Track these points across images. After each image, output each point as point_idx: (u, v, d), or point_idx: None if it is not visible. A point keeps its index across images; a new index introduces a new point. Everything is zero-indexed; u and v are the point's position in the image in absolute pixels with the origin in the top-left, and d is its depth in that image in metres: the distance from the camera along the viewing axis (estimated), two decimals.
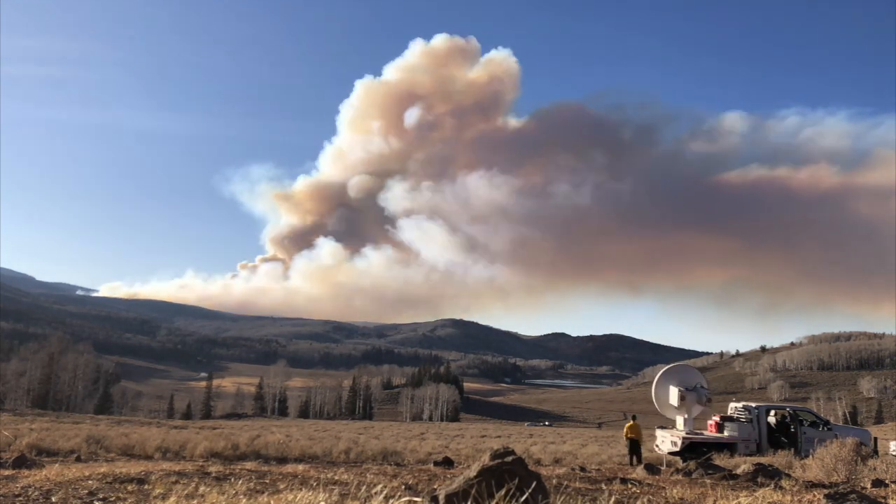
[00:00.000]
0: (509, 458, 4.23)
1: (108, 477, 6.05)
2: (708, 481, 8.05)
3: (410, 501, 4.36)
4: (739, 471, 9.30)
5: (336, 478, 6.97)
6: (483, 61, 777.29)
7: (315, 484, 5.97)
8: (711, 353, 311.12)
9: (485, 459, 4.29)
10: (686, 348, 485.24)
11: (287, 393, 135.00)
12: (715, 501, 6.00)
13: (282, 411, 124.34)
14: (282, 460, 18.23)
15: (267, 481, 6.38)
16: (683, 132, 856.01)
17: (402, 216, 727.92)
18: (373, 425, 69.65)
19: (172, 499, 4.85)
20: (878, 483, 8.61)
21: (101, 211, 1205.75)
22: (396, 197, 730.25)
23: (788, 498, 6.01)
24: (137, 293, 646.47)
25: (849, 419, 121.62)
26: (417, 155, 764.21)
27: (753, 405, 20.36)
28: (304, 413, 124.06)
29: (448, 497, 4.00)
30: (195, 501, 4.75)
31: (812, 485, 7.62)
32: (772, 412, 20.65)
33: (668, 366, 22.02)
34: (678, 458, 18.39)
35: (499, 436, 48.47)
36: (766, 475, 8.59)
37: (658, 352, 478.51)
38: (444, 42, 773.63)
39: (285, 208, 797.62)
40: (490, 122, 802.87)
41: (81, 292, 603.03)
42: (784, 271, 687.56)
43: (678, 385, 20.07)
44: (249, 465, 9.96)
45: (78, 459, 14.92)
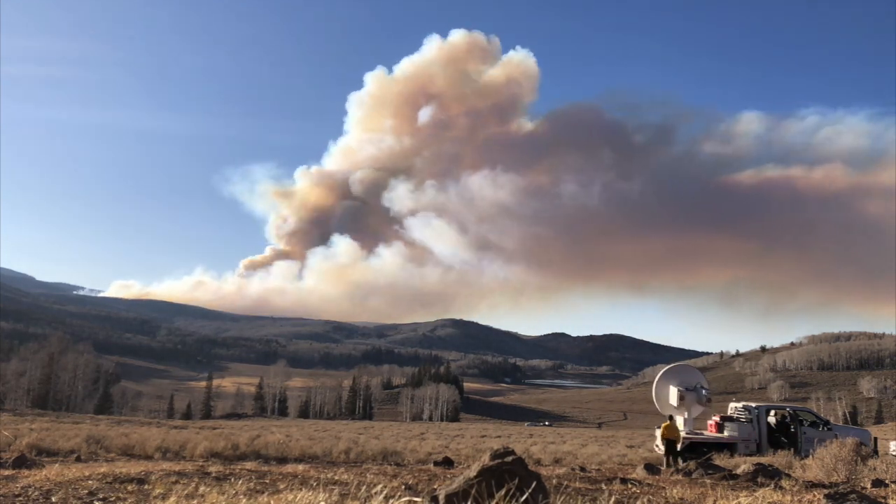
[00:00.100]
0: (509, 458, 4.23)
1: (108, 477, 6.05)
2: (708, 481, 8.06)
3: (410, 501, 4.36)
4: (739, 471, 9.31)
5: (336, 478, 6.97)
6: (502, 62, 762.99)
7: (315, 484, 5.98)
8: (711, 353, 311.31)
9: (485, 459, 4.29)
10: (686, 348, 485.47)
11: (287, 393, 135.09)
12: (715, 501, 6.00)
13: (282, 411, 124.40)
14: (282, 460, 18.24)
15: (267, 481, 6.39)
16: (699, 132, 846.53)
17: (408, 215, 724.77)
18: (373, 425, 69.67)
19: (172, 499, 4.85)
20: (878, 483, 8.61)
21: (101, 211, 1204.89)
22: (401, 196, 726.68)
23: (788, 498, 6.01)
24: (138, 293, 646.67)
25: (849, 419, 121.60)
26: (426, 153, 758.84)
27: (753, 405, 20.36)
28: (304, 413, 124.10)
29: (448, 497, 4.00)
30: (195, 501, 4.75)
31: (812, 485, 7.62)
32: (772, 412, 20.66)
33: (669, 366, 22.02)
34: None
35: (499, 436, 48.47)
36: (766, 475, 8.60)
37: (658, 352, 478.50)
38: (462, 38, 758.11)
39: (287, 204, 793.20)
40: (505, 126, 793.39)
41: (90, 291, 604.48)
42: (790, 272, 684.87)
43: (678, 385, 20.09)
44: (249, 465, 9.96)
45: (78, 459, 14.92)
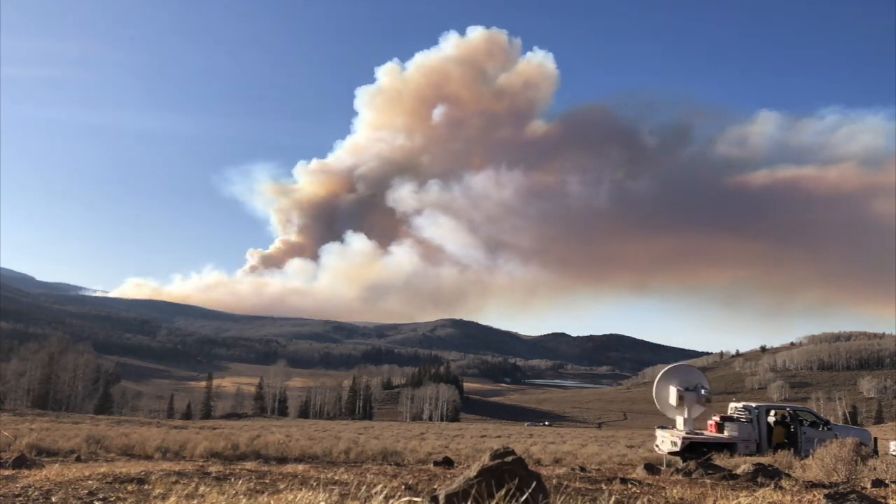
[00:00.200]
0: (509, 458, 4.23)
1: (108, 477, 6.05)
2: (708, 481, 8.05)
3: (410, 501, 4.36)
4: (739, 471, 9.30)
5: (336, 478, 6.96)
6: (521, 62, 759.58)
7: (315, 484, 5.97)
8: (711, 353, 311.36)
9: (485, 459, 4.29)
10: (686, 348, 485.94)
11: (287, 393, 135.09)
12: (715, 501, 6.00)
13: (282, 411, 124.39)
14: (282, 460, 18.22)
15: (267, 481, 6.38)
16: (715, 132, 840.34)
17: (414, 213, 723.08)
18: (373, 425, 69.66)
19: (172, 499, 4.85)
20: (878, 483, 8.61)
21: (102, 211, 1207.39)
22: (404, 196, 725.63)
23: (788, 498, 6.00)
24: (137, 293, 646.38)
25: (849, 419, 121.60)
26: (437, 151, 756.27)
27: (753, 405, 20.35)
28: (304, 413, 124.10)
29: (448, 497, 4.00)
30: (195, 501, 4.75)
31: (812, 485, 7.62)
32: (772, 412, 20.66)
33: (670, 366, 22.02)
34: (678, 458, 18.40)
35: (499, 436, 48.45)
36: (766, 475, 8.59)
37: (658, 352, 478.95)
38: (481, 36, 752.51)
39: (288, 201, 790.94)
40: (519, 129, 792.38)
41: (97, 291, 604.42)
42: (794, 271, 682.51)
43: (678, 385, 20.07)
44: (249, 465, 9.95)
45: (78, 459, 14.91)
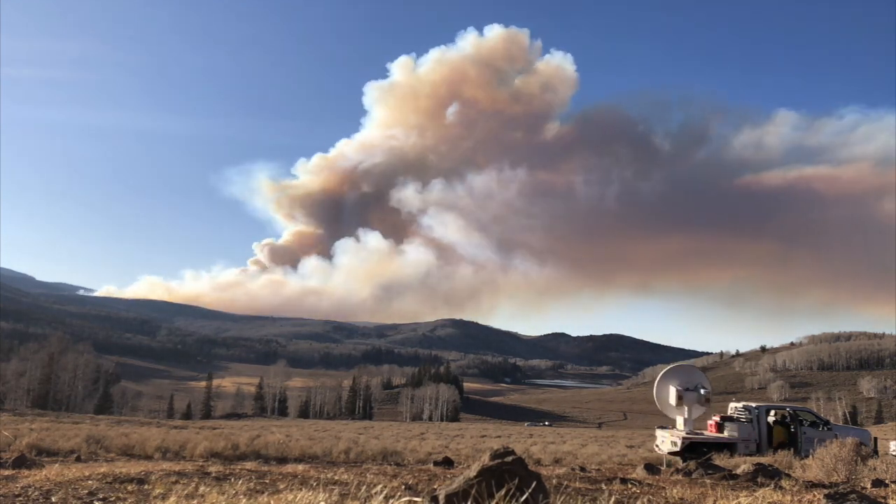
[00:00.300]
0: (509, 458, 4.23)
1: (108, 477, 6.05)
2: (708, 481, 8.05)
3: (410, 501, 4.36)
4: (739, 471, 9.29)
5: (336, 478, 6.96)
6: (540, 64, 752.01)
7: (315, 484, 5.97)
8: (711, 353, 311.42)
9: (485, 459, 4.29)
10: (686, 348, 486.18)
11: (287, 393, 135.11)
12: (715, 501, 6.00)
13: (282, 411, 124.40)
14: (282, 460, 18.21)
15: (267, 481, 6.38)
16: (731, 132, 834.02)
17: (420, 212, 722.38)
18: (373, 425, 69.64)
19: (172, 499, 4.85)
20: (878, 483, 8.61)
21: (101, 211, 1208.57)
22: (409, 196, 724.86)
23: (788, 498, 6.00)
24: (136, 293, 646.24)
25: (849, 419, 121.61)
26: (446, 149, 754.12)
27: (753, 405, 20.35)
28: (304, 413, 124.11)
29: (448, 497, 4.00)
30: (195, 501, 4.75)
31: (812, 485, 7.61)
32: (772, 412, 20.66)
33: (670, 366, 22.03)
34: (678, 458, 18.40)
35: (499, 436, 48.44)
36: (766, 475, 8.59)
37: (658, 352, 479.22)
38: (500, 35, 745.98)
39: (289, 199, 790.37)
40: (535, 132, 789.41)
41: (114, 290, 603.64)
42: (799, 271, 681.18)
43: (678, 385, 20.08)
44: (249, 465, 9.95)
45: (78, 459, 14.90)
